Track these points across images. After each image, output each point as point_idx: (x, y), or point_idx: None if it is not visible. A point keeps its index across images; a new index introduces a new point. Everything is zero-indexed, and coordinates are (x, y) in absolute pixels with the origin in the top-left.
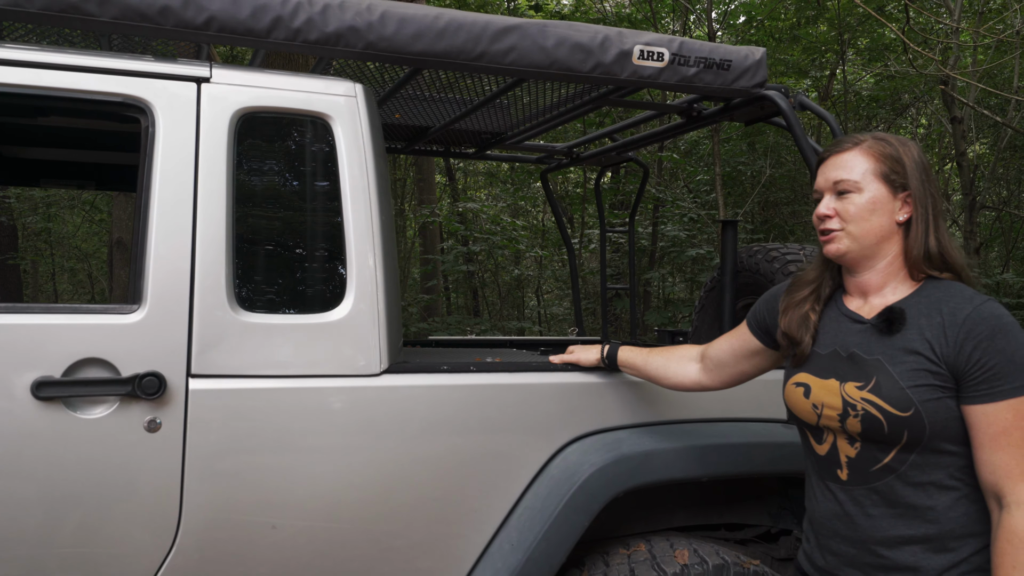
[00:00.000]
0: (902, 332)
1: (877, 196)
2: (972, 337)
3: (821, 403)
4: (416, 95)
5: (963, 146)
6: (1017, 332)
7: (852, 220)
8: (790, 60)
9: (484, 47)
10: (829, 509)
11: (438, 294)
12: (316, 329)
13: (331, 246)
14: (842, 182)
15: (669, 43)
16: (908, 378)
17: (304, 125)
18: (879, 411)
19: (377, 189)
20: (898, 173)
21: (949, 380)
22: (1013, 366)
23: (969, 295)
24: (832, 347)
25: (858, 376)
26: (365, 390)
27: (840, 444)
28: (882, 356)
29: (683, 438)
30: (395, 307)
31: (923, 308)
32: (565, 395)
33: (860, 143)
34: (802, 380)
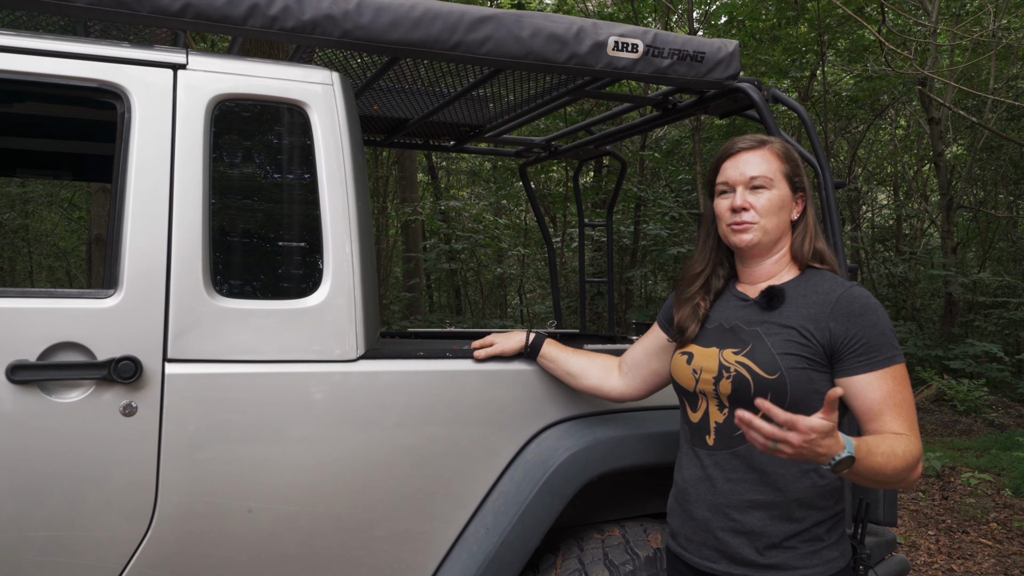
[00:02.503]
0: (780, 309)
1: (784, 194)
2: (845, 315)
3: (700, 368)
4: (394, 87)
5: (940, 147)
6: (882, 312)
7: (765, 214)
8: (771, 60)
9: (460, 36)
10: (694, 474)
11: (420, 292)
12: (292, 315)
13: (308, 233)
14: (759, 177)
15: (643, 35)
16: (780, 347)
17: (281, 112)
18: (749, 372)
19: (354, 176)
20: (798, 176)
21: (819, 355)
22: (884, 338)
23: (840, 281)
24: (718, 322)
25: (736, 343)
26: (341, 375)
27: (711, 411)
28: (760, 328)
29: (656, 424)
30: (372, 294)
31: (801, 290)
32: (541, 382)
33: (770, 142)
34: (687, 350)
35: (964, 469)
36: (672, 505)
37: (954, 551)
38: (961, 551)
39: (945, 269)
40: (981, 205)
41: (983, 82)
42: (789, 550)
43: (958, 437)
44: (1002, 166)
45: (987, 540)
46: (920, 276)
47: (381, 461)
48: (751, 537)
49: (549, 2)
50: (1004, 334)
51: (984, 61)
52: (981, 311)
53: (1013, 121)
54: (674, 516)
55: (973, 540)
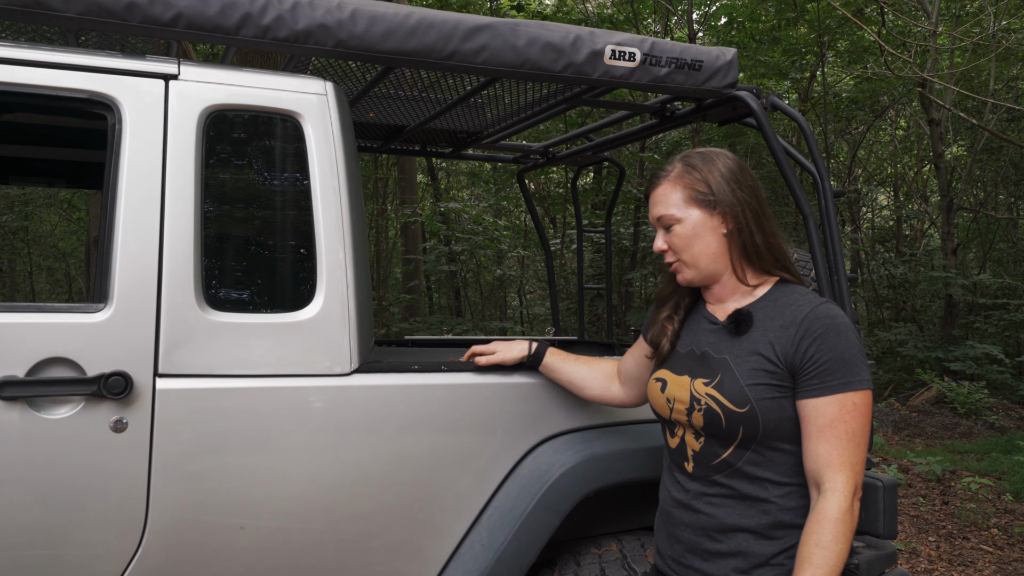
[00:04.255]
0: (749, 334)
1: (696, 221)
2: (808, 334)
3: (674, 397)
4: (391, 94)
5: (940, 148)
6: (849, 333)
7: (681, 250)
8: (770, 62)
9: (455, 46)
10: (677, 498)
11: (419, 294)
12: (285, 328)
13: (301, 245)
14: (664, 217)
15: (641, 43)
16: (748, 376)
17: (274, 123)
18: (719, 406)
19: (348, 188)
20: (706, 193)
21: (787, 379)
22: (842, 363)
23: (810, 298)
24: (690, 347)
25: (706, 373)
26: (335, 390)
27: (688, 438)
28: (729, 355)
29: (654, 438)
30: (366, 306)
31: (769, 311)
32: (536, 395)
33: (668, 174)
34: (661, 376)
35: (964, 473)
36: (658, 524)
37: (955, 558)
38: (962, 558)
39: (945, 271)
40: (981, 206)
41: (983, 84)
42: (776, 567)
43: (959, 440)
44: (1002, 167)
45: (988, 547)
46: (920, 277)
47: (375, 476)
48: (737, 558)
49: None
50: (1004, 336)
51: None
52: (981, 313)
53: (1013, 122)
54: (660, 536)
55: (974, 546)
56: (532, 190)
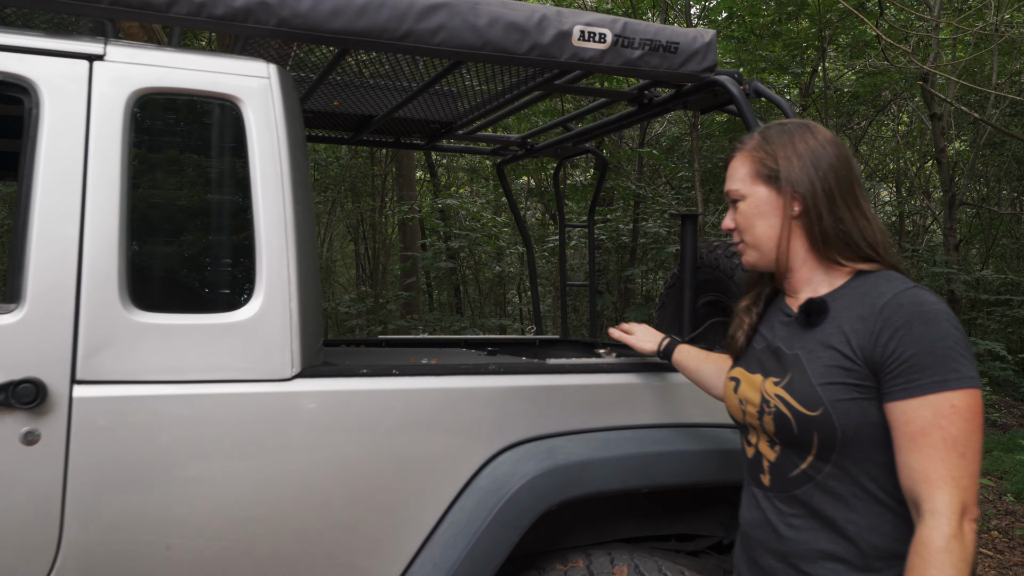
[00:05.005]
0: (823, 326)
1: (760, 200)
2: (889, 325)
3: (745, 399)
4: (355, 82)
5: (942, 143)
6: (941, 320)
7: (745, 229)
8: (771, 56)
9: (410, 25)
10: (754, 517)
11: (417, 291)
12: (220, 330)
13: (239, 240)
14: (731, 192)
15: (612, 24)
16: (821, 374)
17: (211, 108)
18: (789, 409)
19: (292, 179)
20: (774, 169)
21: (868, 378)
22: (932, 357)
23: (896, 283)
24: (764, 342)
25: (777, 371)
26: (274, 396)
27: (762, 447)
28: (801, 351)
29: (624, 446)
30: (312, 305)
31: (847, 300)
32: (497, 400)
33: (743, 147)
34: (735, 375)
35: None
36: (737, 548)
37: None
38: None
39: (947, 267)
40: (984, 202)
41: (987, 77)
42: None
43: None
44: (1005, 162)
45: (987, 550)
46: (923, 273)
47: (318, 490)
48: None
49: None
50: (1007, 332)
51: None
52: (984, 309)
53: (1017, 117)
54: (739, 560)
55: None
56: (533, 185)
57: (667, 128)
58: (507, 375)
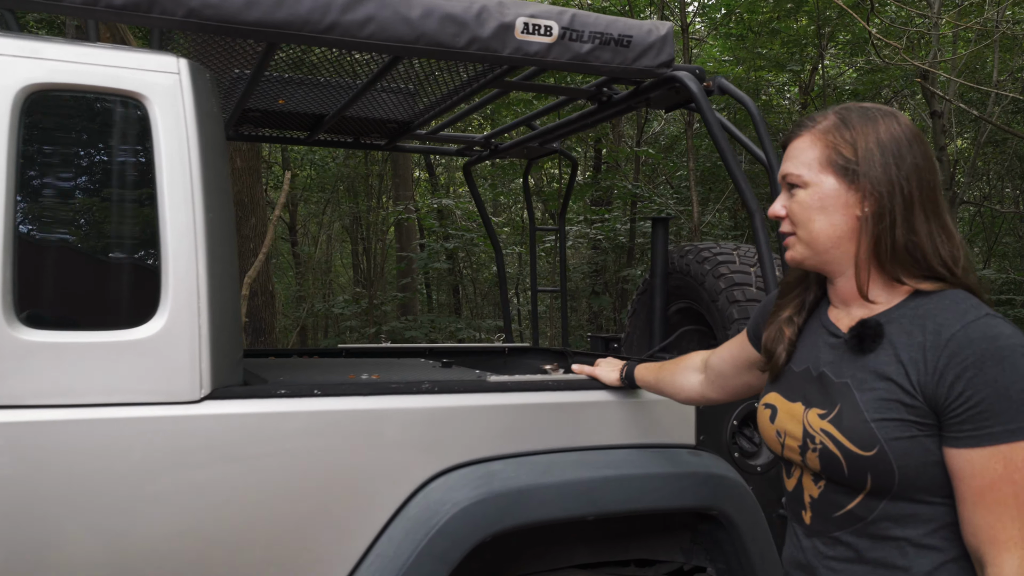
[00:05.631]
0: (877, 352)
1: (826, 191)
2: (956, 363)
3: (784, 431)
4: (302, 79)
5: (943, 141)
6: (1018, 359)
7: (800, 222)
8: (769, 54)
9: (335, 17)
10: (793, 557)
11: (414, 292)
12: (120, 348)
13: (142, 250)
14: (789, 175)
15: (559, 15)
16: (875, 409)
17: (113, 106)
18: (837, 447)
19: (204, 183)
20: (850, 160)
21: (928, 415)
22: (1008, 403)
23: (963, 309)
24: (805, 364)
25: (823, 402)
26: (179, 420)
27: (805, 481)
28: (851, 380)
29: (568, 470)
30: (226, 320)
31: (906, 323)
32: (431, 422)
33: (815, 125)
34: (770, 401)
35: None
36: None
37: None
38: None
39: None
40: (986, 200)
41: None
42: None
43: None
44: (1007, 160)
45: None
46: None
47: (232, 523)
48: None
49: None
50: None
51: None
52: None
53: (1018, 114)
54: None
55: None
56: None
57: (665, 127)
58: (442, 394)
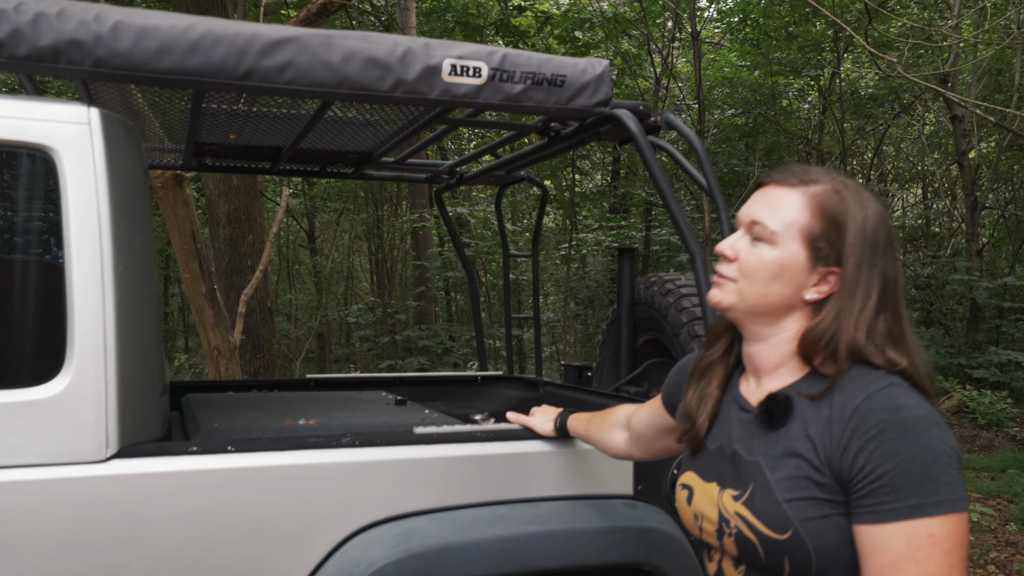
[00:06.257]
0: (787, 427)
1: (789, 260)
2: (859, 435)
3: (701, 513)
4: (253, 113)
5: (964, 146)
6: (921, 430)
7: (747, 275)
8: (785, 59)
9: (251, 63)
10: None
11: (428, 300)
12: (19, 409)
13: (45, 307)
14: (758, 224)
15: (489, 56)
16: (787, 488)
17: (18, 159)
18: (752, 531)
19: (115, 235)
20: (830, 242)
21: (837, 491)
22: (909, 478)
23: (868, 380)
24: (719, 441)
25: (736, 482)
26: (83, 481)
27: (725, 566)
28: (762, 458)
29: (493, 526)
30: (139, 376)
31: (815, 397)
32: (350, 477)
33: (808, 183)
34: (687, 481)
35: (973, 495)
36: None
37: None
38: None
39: (968, 273)
40: (1009, 204)
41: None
42: None
43: (977, 454)
44: None
45: None
46: (947, 279)
47: None
48: None
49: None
50: None
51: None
52: (1009, 316)
53: None
54: None
55: None
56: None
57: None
58: (363, 448)
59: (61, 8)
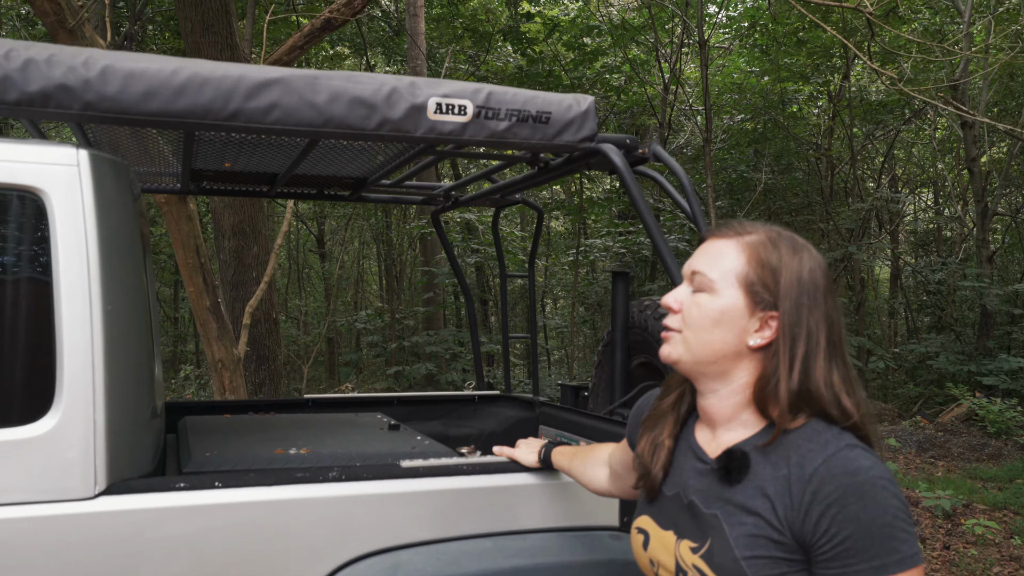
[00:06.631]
0: (744, 484)
1: (729, 306)
2: (820, 500)
3: (657, 561)
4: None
5: (974, 152)
6: (878, 492)
7: (690, 325)
8: (794, 65)
9: (238, 105)
10: None
11: (436, 306)
12: (8, 447)
13: (34, 347)
14: (698, 275)
15: (474, 94)
16: (745, 545)
17: (8, 201)
18: None
19: (103, 275)
20: (767, 287)
21: (796, 551)
22: (870, 539)
23: (825, 440)
24: (676, 488)
25: (694, 534)
26: (71, 518)
27: None
28: (720, 512)
29: (479, 559)
30: (129, 412)
31: (771, 453)
32: (338, 511)
33: (744, 233)
34: (643, 526)
35: (978, 507)
36: None
37: None
38: None
39: (979, 279)
40: (1020, 211)
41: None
42: None
43: (984, 463)
44: None
45: None
46: (957, 284)
47: None
48: None
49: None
50: None
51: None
52: (1022, 323)
53: None
54: None
55: None
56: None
57: (691, 138)
58: (350, 482)
59: (50, 54)
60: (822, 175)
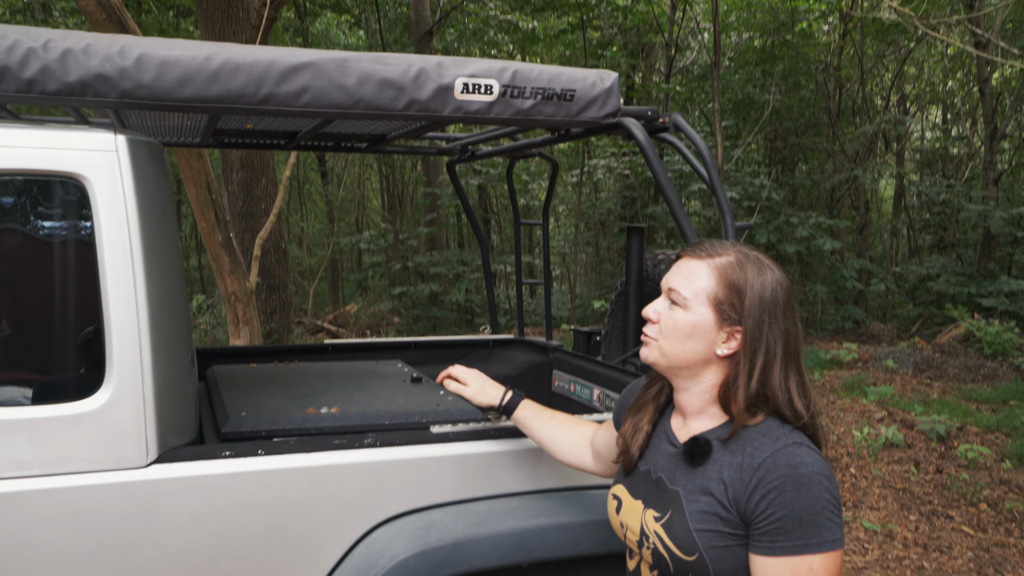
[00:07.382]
0: (705, 467)
1: (700, 321)
2: (763, 485)
3: (626, 524)
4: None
5: (986, 72)
6: (813, 485)
7: (665, 335)
8: None
9: (269, 89)
10: None
11: (439, 226)
12: (64, 422)
13: (85, 326)
14: (673, 292)
15: (500, 73)
16: (698, 520)
17: (52, 188)
18: (665, 549)
19: (145, 256)
20: (733, 306)
21: (739, 527)
22: (799, 523)
23: (776, 436)
24: (648, 465)
25: (658, 505)
26: (128, 485)
27: (643, 568)
28: (681, 489)
29: (505, 519)
30: (173, 385)
31: (731, 445)
32: (373, 475)
33: (715, 256)
34: (618, 493)
35: (972, 430)
36: None
37: (931, 541)
38: (939, 542)
39: (984, 202)
40: None
41: None
42: None
43: (979, 384)
44: None
45: (969, 528)
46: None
47: None
48: None
49: None
50: None
51: None
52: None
53: None
54: None
55: (955, 527)
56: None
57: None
58: (384, 447)
59: (87, 43)
60: (830, 95)
